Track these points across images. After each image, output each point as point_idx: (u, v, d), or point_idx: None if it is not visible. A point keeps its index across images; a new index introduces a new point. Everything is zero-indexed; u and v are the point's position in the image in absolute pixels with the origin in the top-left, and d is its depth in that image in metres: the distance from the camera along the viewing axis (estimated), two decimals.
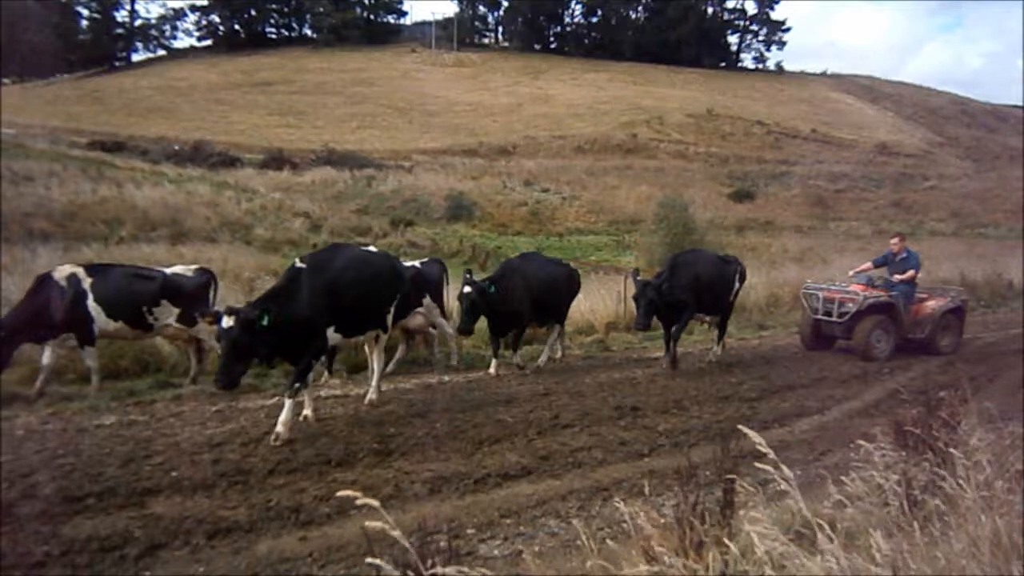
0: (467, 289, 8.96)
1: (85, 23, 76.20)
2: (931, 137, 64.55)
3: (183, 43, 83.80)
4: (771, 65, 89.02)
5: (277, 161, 37.26)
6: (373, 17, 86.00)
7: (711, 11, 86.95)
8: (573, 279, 10.63)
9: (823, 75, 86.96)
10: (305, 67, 69.07)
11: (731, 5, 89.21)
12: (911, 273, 11.10)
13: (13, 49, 59.15)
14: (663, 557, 2.70)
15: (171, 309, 8.20)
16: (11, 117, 37.25)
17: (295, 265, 6.83)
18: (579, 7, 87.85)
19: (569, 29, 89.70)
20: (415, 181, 36.00)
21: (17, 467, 5.57)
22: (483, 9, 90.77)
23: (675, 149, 51.43)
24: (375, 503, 2.33)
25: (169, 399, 7.67)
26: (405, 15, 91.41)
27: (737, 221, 34.89)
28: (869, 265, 11.58)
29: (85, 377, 8.00)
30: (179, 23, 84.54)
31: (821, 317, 11.25)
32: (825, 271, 16.26)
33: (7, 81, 60.63)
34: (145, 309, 8.05)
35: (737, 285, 10.89)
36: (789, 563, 2.59)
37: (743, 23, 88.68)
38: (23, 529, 4.55)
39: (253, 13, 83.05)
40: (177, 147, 38.50)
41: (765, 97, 69.93)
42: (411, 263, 9.62)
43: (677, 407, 7.97)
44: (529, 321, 10.00)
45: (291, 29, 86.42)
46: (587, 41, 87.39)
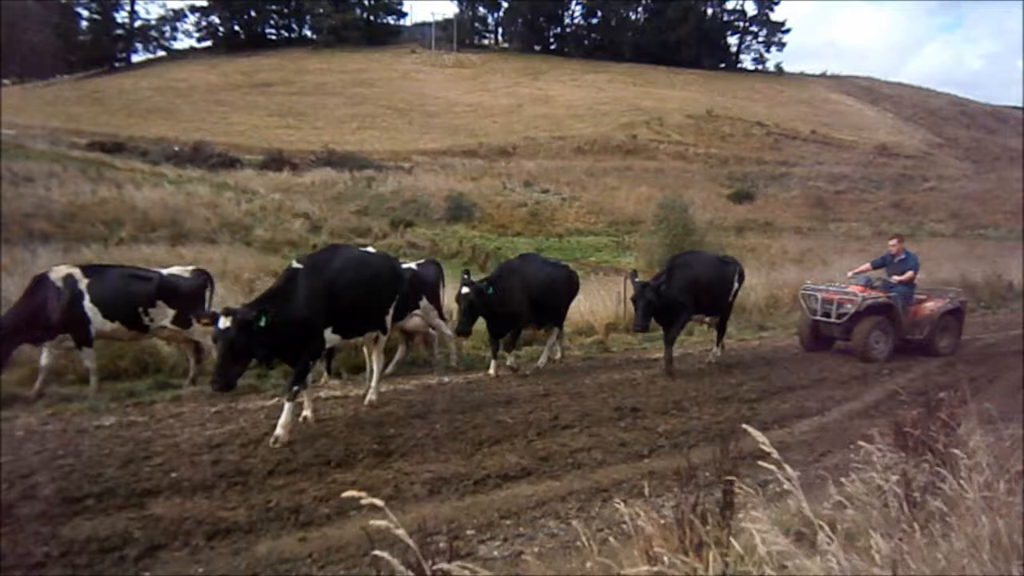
0: (465, 290, 8.92)
1: (85, 23, 76.26)
2: (931, 138, 64.58)
3: (183, 44, 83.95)
4: (771, 66, 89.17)
5: (277, 162, 37.25)
6: (373, 18, 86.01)
7: (711, 12, 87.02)
8: (572, 280, 10.62)
9: (823, 76, 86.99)
10: (305, 68, 69.10)
11: (731, 6, 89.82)
12: (910, 274, 11.11)
13: (13, 49, 59.16)
14: (663, 557, 2.70)
15: (166, 310, 8.17)
16: (11, 117, 37.24)
17: (292, 266, 6.83)
18: (579, 8, 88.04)
19: (569, 30, 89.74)
20: (415, 182, 36.00)
21: (17, 468, 5.57)
22: (483, 10, 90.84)
23: (675, 150, 51.42)
24: (380, 503, 2.34)
25: (168, 400, 7.68)
26: (405, 16, 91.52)
27: (737, 222, 34.89)
28: (868, 266, 11.60)
29: (84, 378, 8.00)
30: (179, 24, 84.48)
31: (820, 318, 11.26)
32: (825, 272, 16.25)
33: (7, 81, 60.62)
34: (141, 310, 8.02)
35: (736, 286, 10.91)
36: (789, 563, 2.59)
37: (743, 24, 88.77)
38: (23, 530, 4.55)
39: (253, 14, 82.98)
40: (177, 148, 38.49)
41: (765, 98, 69.93)
42: (407, 265, 9.56)
43: (677, 408, 7.97)
44: (527, 322, 9.99)
45: (291, 30, 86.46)
46: (587, 42, 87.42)
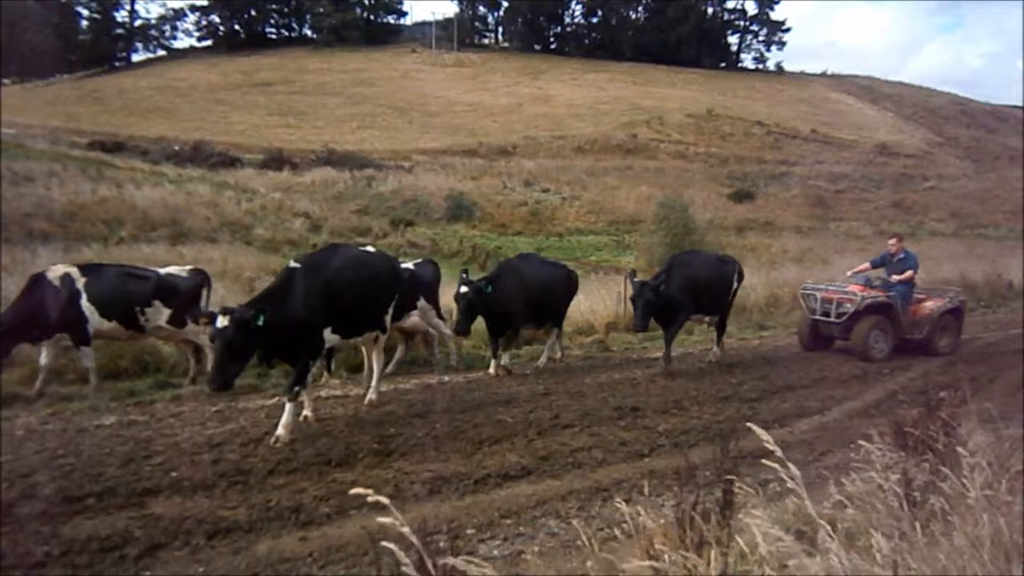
0: (464, 289, 8.88)
1: (85, 23, 76.39)
2: (931, 137, 64.57)
3: (183, 43, 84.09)
4: (771, 65, 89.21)
5: (277, 161, 37.27)
6: (373, 17, 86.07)
7: (711, 11, 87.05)
8: (571, 280, 10.60)
9: (823, 75, 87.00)
10: (305, 67, 69.13)
11: (731, 5, 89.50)
12: (909, 273, 11.10)
13: (13, 49, 59.08)
14: (664, 556, 2.70)
15: (163, 310, 8.14)
16: (11, 117, 37.27)
17: (290, 266, 6.82)
18: (579, 7, 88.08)
19: (569, 29, 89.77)
20: (415, 181, 35.99)
21: (17, 467, 5.57)
22: (483, 9, 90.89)
23: (675, 149, 51.43)
24: (385, 500, 2.34)
25: (169, 399, 7.67)
26: (405, 15, 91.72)
27: (737, 221, 34.89)
28: (867, 266, 11.58)
29: (85, 378, 7.99)
30: (179, 23, 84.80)
31: (819, 317, 11.25)
32: (825, 272, 16.24)
33: (7, 81, 60.61)
34: (138, 310, 8.00)
35: (735, 285, 10.90)
36: (790, 562, 2.59)
37: (743, 23, 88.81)
38: (23, 529, 4.55)
39: (253, 13, 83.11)
40: (177, 147, 38.52)
41: (765, 97, 69.94)
42: (405, 264, 9.50)
43: (677, 407, 7.97)
44: (525, 322, 9.98)
45: (291, 29, 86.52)
46: (587, 41, 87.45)
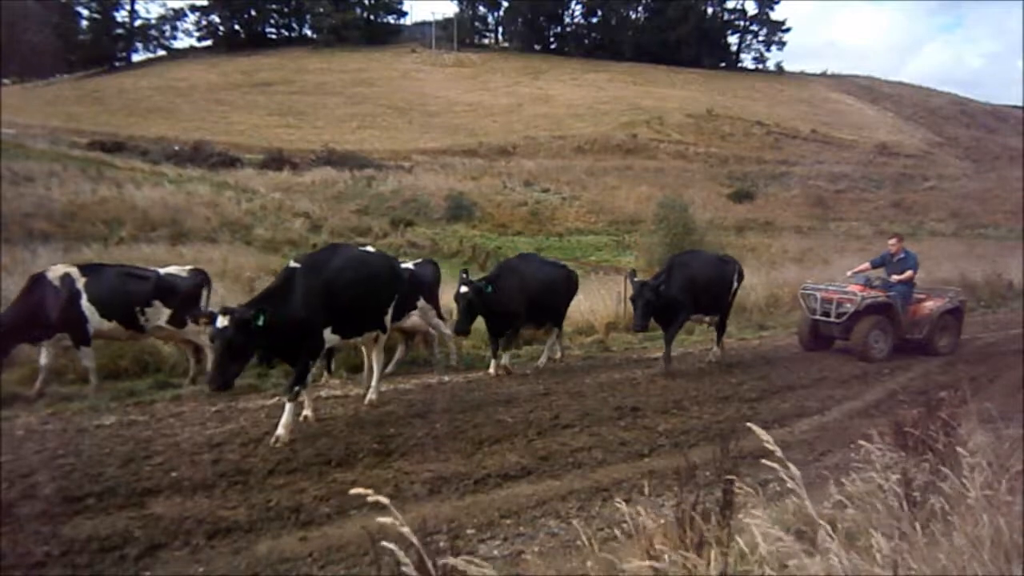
0: (464, 289, 8.87)
1: (85, 23, 76.39)
2: (931, 137, 64.57)
3: (183, 43, 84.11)
4: (771, 65, 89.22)
5: (277, 161, 37.27)
6: (373, 17, 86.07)
7: (711, 11, 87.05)
8: (571, 280, 10.60)
9: (823, 75, 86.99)
10: (305, 67, 69.12)
11: (731, 5, 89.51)
12: (909, 273, 11.10)
13: (13, 49, 59.10)
14: (664, 556, 2.70)
15: (162, 310, 8.13)
16: (11, 117, 37.27)
17: (289, 266, 6.82)
18: (579, 7, 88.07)
19: (569, 29, 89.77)
20: (415, 181, 35.99)
21: (17, 467, 5.57)
22: (483, 9, 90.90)
23: (675, 149, 51.43)
24: (385, 500, 2.35)
25: (169, 399, 7.68)
26: (405, 15, 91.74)
27: (737, 221, 34.89)
28: (867, 265, 11.58)
29: (85, 378, 7.99)
30: (179, 23, 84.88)
31: (819, 317, 11.25)
32: (825, 271, 16.24)
33: (7, 81, 60.61)
34: (137, 310, 8.00)
35: (735, 285, 10.90)
36: (790, 562, 2.59)
37: (743, 23, 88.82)
38: (23, 529, 4.55)
39: (253, 13, 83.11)
40: (177, 147, 38.51)
41: (765, 97, 69.94)
42: (404, 264, 9.46)
43: (677, 407, 7.96)
44: (525, 322, 9.97)
45: (291, 29, 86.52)
46: (587, 41, 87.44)
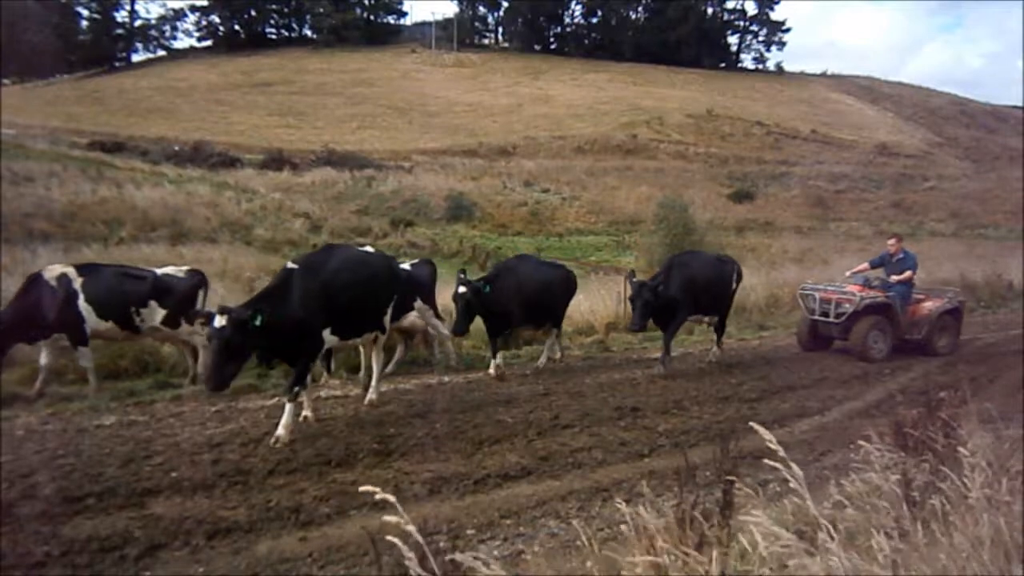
0: (462, 289, 8.86)
1: (85, 23, 76.32)
2: (931, 138, 64.57)
3: (183, 43, 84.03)
4: (771, 65, 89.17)
5: (277, 161, 37.27)
6: (373, 17, 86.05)
7: (711, 11, 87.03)
8: (569, 280, 10.58)
9: (823, 76, 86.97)
10: (305, 68, 69.12)
11: (731, 5, 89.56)
12: (908, 274, 11.10)
13: (13, 49, 59.06)
14: (664, 556, 2.70)
15: (157, 311, 8.10)
16: (11, 117, 37.23)
17: (287, 266, 6.81)
18: (579, 8, 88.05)
19: (569, 30, 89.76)
20: (415, 181, 35.99)
21: (17, 467, 5.57)
22: (483, 9, 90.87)
23: (675, 150, 51.42)
24: (391, 497, 2.35)
25: (169, 399, 7.68)
26: (405, 15, 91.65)
27: (737, 222, 34.88)
28: (866, 266, 11.58)
29: (85, 378, 7.99)
30: (179, 23, 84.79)
31: (818, 318, 11.25)
32: (825, 272, 16.23)
33: (7, 81, 60.58)
34: (133, 310, 7.97)
35: (734, 285, 10.90)
36: (790, 562, 2.59)
37: (743, 23, 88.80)
38: (23, 529, 4.55)
39: (253, 13, 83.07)
40: (177, 147, 38.51)
41: (765, 98, 69.94)
42: (401, 265, 9.40)
43: (677, 408, 7.97)
44: (524, 323, 9.95)
45: (291, 29, 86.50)
46: (587, 42, 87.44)
